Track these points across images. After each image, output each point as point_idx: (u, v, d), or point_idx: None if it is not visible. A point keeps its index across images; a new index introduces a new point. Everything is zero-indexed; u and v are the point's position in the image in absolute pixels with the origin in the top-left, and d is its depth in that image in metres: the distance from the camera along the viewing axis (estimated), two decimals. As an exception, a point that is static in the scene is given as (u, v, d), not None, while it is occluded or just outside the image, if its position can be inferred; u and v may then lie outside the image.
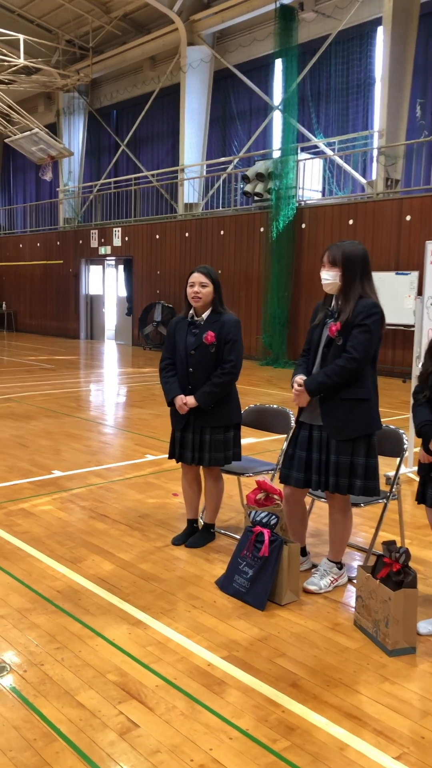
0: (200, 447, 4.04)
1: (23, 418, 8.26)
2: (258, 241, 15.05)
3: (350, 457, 3.47)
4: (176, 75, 17.93)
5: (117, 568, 3.89)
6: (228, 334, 3.96)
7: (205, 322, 3.99)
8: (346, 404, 3.46)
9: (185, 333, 4.04)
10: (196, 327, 4.01)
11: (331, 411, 3.49)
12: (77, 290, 20.97)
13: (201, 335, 3.96)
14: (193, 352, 3.98)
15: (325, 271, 3.52)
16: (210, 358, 3.96)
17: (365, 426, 3.48)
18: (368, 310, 3.43)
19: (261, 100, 16.70)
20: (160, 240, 17.80)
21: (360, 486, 3.48)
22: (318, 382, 3.47)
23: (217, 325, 3.96)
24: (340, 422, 3.47)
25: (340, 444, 3.47)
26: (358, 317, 3.42)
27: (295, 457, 3.62)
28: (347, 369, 3.41)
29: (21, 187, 26.07)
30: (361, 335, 3.41)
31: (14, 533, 4.40)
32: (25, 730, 2.46)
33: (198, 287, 3.94)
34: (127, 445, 7.08)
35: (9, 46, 18.38)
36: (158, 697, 2.67)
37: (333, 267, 3.50)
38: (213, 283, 3.97)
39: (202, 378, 3.97)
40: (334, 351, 3.48)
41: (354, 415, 3.46)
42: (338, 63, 14.88)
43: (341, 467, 3.47)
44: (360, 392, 3.47)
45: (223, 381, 3.94)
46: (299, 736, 2.46)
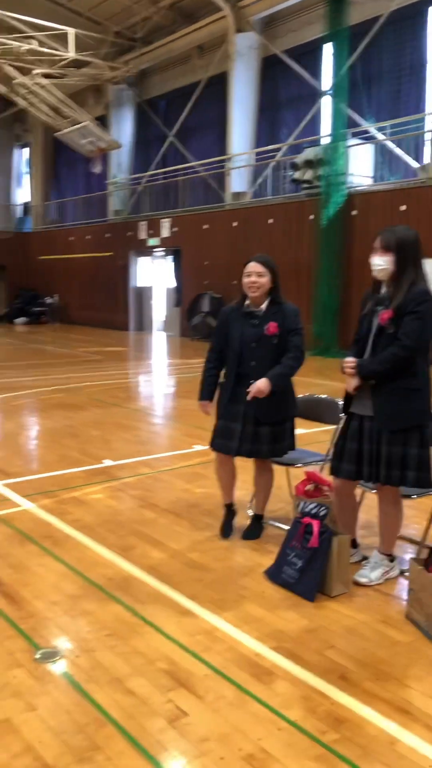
0: (256, 438, 3.96)
1: (74, 408, 8.39)
2: (307, 229, 14.88)
3: (402, 448, 3.40)
4: (224, 63, 17.82)
5: (166, 557, 3.91)
6: (291, 324, 3.89)
7: (265, 313, 3.90)
8: (397, 394, 3.39)
9: (241, 324, 3.93)
10: (254, 318, 3.93)
11: (383, 401, 3.42)
12: (126, 282, 21.16)
13: (262, 327, 3.88)
14: (255, 344, 3.88)
15: (378, 257, 3.43)
16: (272, 349, 3.88)
17: (417, 416, 3.41)
18: (420, 297, 3.35)
19: (310, 86, 16.47)
20: (208, 230, 17.78)
21: (413, 477, 3.41)
22: (370, 369, 3.41)
23: (279, 316, 3.88)
24: (392, 412, 3.40)
25: (392, 435, 3.41)
26: (410, 304, 3.35)
27: (346, 448, 3.57)
28: (399, 357, 3.34)
29: (71, 180, 26.38)
30: (413, 323, 3.34)
31: (66, 521, 4.48)
32: (77, 714, 2.50)
33: (255, 277, 3.86)
34: (175, 435, 7.12)
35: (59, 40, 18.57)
36: (207, 686, 2.69)
37: (386, 252, 3.41)
38: (270, 271, 3.89)
39: (265, 370, 3.86)
40: (385, 339, 3.41)
41: (406, 405, 3.39)
42: (389, 45, 14.55)
43: (393, 458, 3.40)
44: (412, 382, 3.40)
45: (294, 365, 3.89)
46: (349, 729, 2.44)
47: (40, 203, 26.96)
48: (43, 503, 4.84)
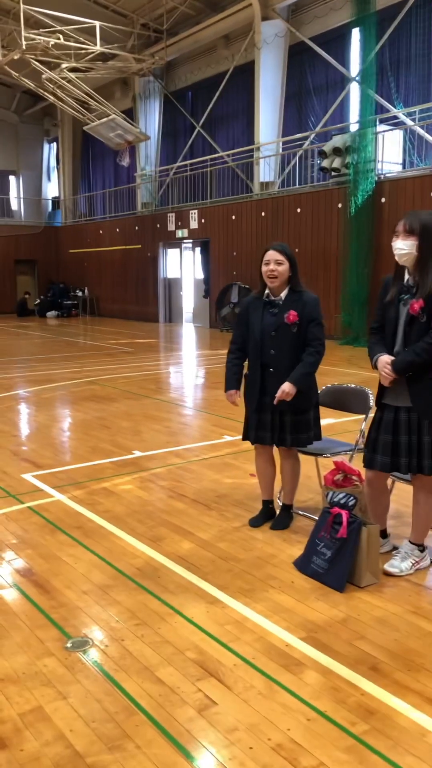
0: (281, 428, 3.98)
1: (105, 400, 8.45)
2: (336, 218, 14.73)
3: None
4: (250, 52, 17.68)
5: (195, 547, 3.92)
6: (311, 313, 3.87)
7: (285, 302, 3.89)
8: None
9: (261, 313, 3.94)
10: (274, 307, 3.92)
11: (421, 391, 3.37)
12: (155, 274, 21.21)
13: (281, 315, 3.87)
14: (274, 333, 3.88)
15: (401, 241, 3.35)
16: (292, 338, 3.87)
17: None
18: None
19: (338, 73, 16.26)
20: (236, 221, 17.72)
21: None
22: (407, 362, 3.34)
23: (299, 305, 3.87)
24: (430, 401, 3.35)
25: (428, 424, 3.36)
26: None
27: (380, 440, 3.51)
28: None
29: (100, 173, 26.50)
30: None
31: (96, 511, 4.52)
32: (107, 703, 2.52)
33: (273, 265, 3.85)
34: (205, 426, 7.12)
35: (85, 33, 18.61)
36: (236, 676, 2.69)
37: (410, 236, 3.32)
38: (289, 260, 3.87)
39: (285, 359, 3.88)
40: (417, 329, 3.34)
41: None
42: (418, 28, 14.27)
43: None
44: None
45: (316, 360, 3.89)
46: (379, 720, 2.42)
47: (70, 197, 27.14)
48: (73, 494, 4.89)
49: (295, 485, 4.23)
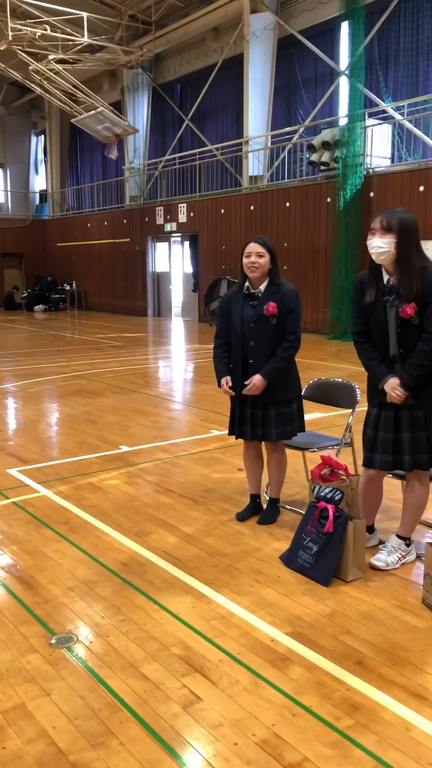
0: (264, 422, 3.98)
1: (92, 394, 8.41)
2: (325, 212, 14.72)
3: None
4: (239, 45, 17.61)
5: (182, 542, 3.91)
6: (289, 305, 3.87)
7: (264, 294, 3.90)
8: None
9: (241, 306, 3.95)
10: (253, 299, 3.93)
11: (423, 390, 3.36)
12: (144, 268, 21.13)
13: (261, 307, 3.87)
14: (253, 324, 3.89)
15: (378, 238, 3.28)
16: (271, 329, 3.88)
17: None
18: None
19: (326, 66, 16.22)
20: (225, 214, 17.67)
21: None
22: (414, 376, 3.30)
23: (277, 296, 3.87)
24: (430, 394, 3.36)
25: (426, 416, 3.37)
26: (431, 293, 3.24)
27: (379, 438, 3.48)
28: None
29: (88, 166, 26.35)
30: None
31: (82, 507, 4.49)
32: (91, 700, 2.51)
33: (254, 257, 3.86)
34: (193, 420, 7.10)
35: (73, 24, 18.46)
36: (221, 672, 2.67)
37: (387, 233, 3.26)
38: (269, 253, 3.87)
39: (264, 351, 3.89)
40: (412, 331, 3.31)
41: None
42: (407, 22, 14.25)
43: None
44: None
45: (290, 354, 3.89)
46: (364, 715, 2.42)
47: (58, 190, 26.98)
48: (59, 489, 4.86)
49: (281, 479, 4.23)
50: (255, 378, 3.87)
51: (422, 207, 12.76)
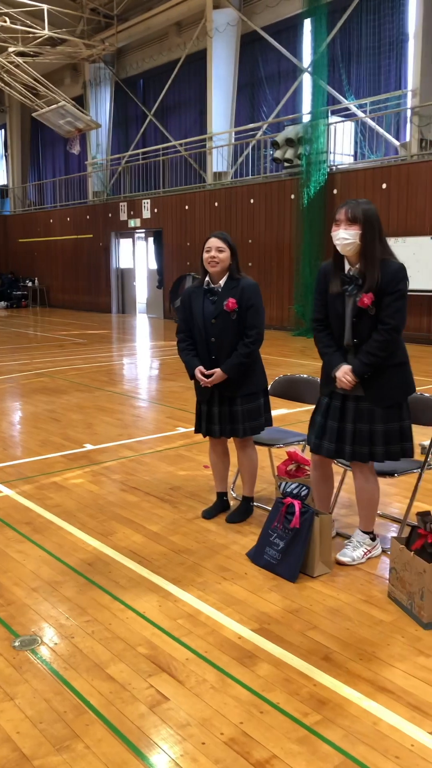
0: (232, 418, 3.96)
1: (55, 392, 8.30)
2: (289, 209, 14.78)
3: (394, 423, 3.41)
4: (202, 40, 17.55)
5: (148, 541, 3.87)
6: (249, 299, 3.85)
7: (223, 289, 3.87)
8: (387, 371, 3.37)
9: (202, 301, 3.91)
10: (213, 294, 3.90)
11: (373, 380, 3.38)
12: (108, 264, 20.95)
13: (220, 303, 3.85)
14: (214, 320, 3.86)
15: (343, 230, 3.29)
16: (232, 325, 3.85)
17: (405, 389, 3.43)
18: (399, 274, 3.30)
19: (290, 63, 16.27)
20: (189, 210, 17.61)
21: (400, 450, 3.43)
22: (366, 364, 3.32)
23: (237, 291, 3.85)
24: (383, 390, 3.38)
25: (383, 411, 3.38)
26: (390, 284, 3.27)
27: (327, 426, 3.52)
28: (389, 341, 3.30)
29: (50, 161, 26.00)
30: (397, 302, 3.29)
31: (46, 506, 4.42)
32: (56, 703, 2.46)
33: (215, 252, 3.83)
34: (159, 418, 7.06)
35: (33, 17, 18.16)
36: (188, 670, 2.65)
37: (352, 225, 3.27)
38: (230, 248, 3.85)
39: (226, 346, 3.86)
40: (367, 321, 3.34)
41: (394, 380, 3.39)
42: (369, 20, 14.38)
43: (390, 435, 3.40)
44: (399, 356, 3.40)
45: (251, 350, 3.86)
46: (331, 710, 2.42)
47: (19, 185, 26.57)
48: (22, 489, 4.78)
49: (254, 476, 4.20)
50: (216, 372, 3.85)
51: (385, 204, 12.89)
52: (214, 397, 3.96)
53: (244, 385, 3.91)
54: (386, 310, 3.28)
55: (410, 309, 12.18)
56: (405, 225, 12.53)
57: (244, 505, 4.22)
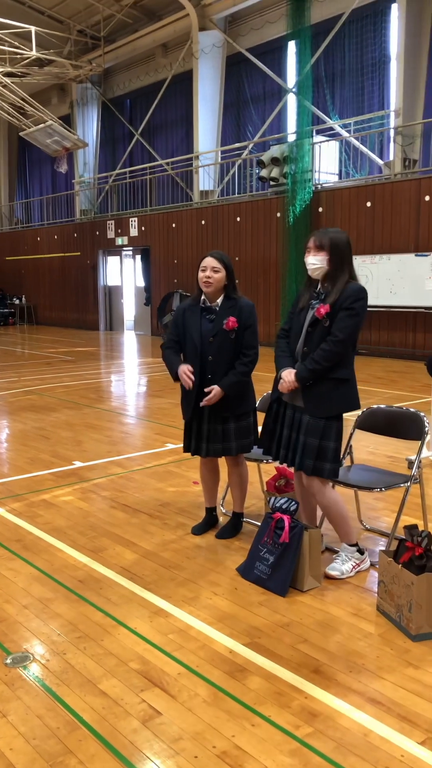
0: (225, 436, 3.97)
1: (44, 410, 8.31)
2: (275, 227, 14.94)
3: (319, 440, 3.52)
4: (189, 61, 17.79)
5: (138, 557, 3.89)
6: (248, 319, 3.91)
7: (221, 308, 3.92)
8: (328, 384, 3.51)
9: (199, 319, 3.94)
10: (211, 313, 3.95)
11: (313, 390, 3.53)
12: (95, 282, 21.02)
13: (219, 321, 3.88)
14: (212, 339, 3.89)
15: (312, 256, 3.54)
16: (229, 344, 3.89)
17: (344, 404, 3.55)
18: (357, 294, 3.47)
19: (275, 84, 16.52)
20: (176, 229, 17.75)
21: (329, 469, 3.54)
22: (309, 370, 3.49)
23: (235, 311, 3.90)
24: (320, 400, 3.52)
25: (315, 423, 3.51)
26: (347, 300, 3.46)
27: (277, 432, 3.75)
28: (334, 352, 3.45)
29: (37, 180, 26.13)
30: (349, 319, 3.45)
31: (36, 524, 4.43)
32: (49, 719, 2.47)
33: (210, 272, 3.88)
34: (148, 434, 7.08)
35: (21, 38, 18.35)
36: (180, 685, 2.67)
37: (320, 251, 3.52)
38: (225, 268, 3.91)
39: (223, 365, 3.89)
40: (319, 332, 3.50)
41: (334, 394, 3.52)
42: (352, 43, 14.66)
43: (309, 448, 3.52)
44: (343, 372, 3.53)
45: (249, 369, 3.92)
46: (322, 722, 2.45)
47: (6, 203, 26.65)
48: (12, 507, 4.78)
49: (244, 492, 4.23)
50: (215, 388, 3.86)
51: (369, 222, 13.08)
52: (205, 414, 3.97)
53: (239, 405, 3.95)
54: (337, 324, 3.46)
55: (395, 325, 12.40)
56: (389, 242, 12.70)
57: (233, 520, 4.25)
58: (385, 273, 12.54)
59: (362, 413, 4.24)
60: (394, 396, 8.96)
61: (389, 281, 12.49)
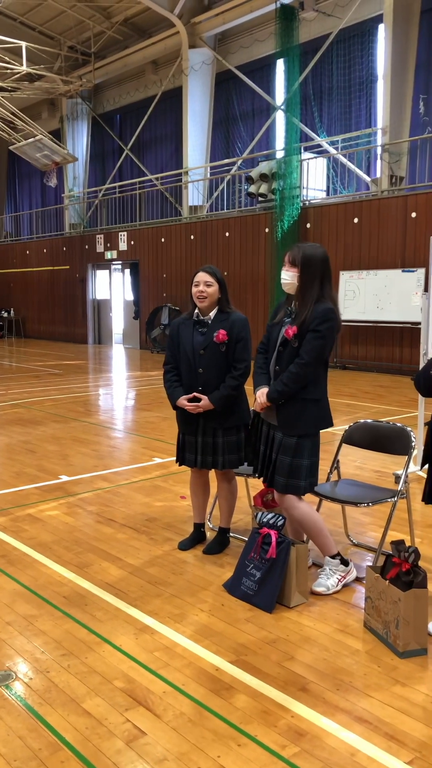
0: (213, 450, 3.98)
1: (31, 423, 8.25)
2: (263, 242, 15.01)
3: (291, 458, 3.55)
4: (178, 78, 17.94)
5: (124, 573, 3.85)
6: (239, 333, 3.92)
7: (214, 321, 3.93)
8: (299, 404, 3.54)
9: (191, 332, 3.96)
10: (203, 326, 3.96)
11: (285, 409, 3.56)
12: (84, 295, 21.01)
13: (210, 334, 3.90)
14: (203, 351, 3.91)
15: (285, 271, 3.59)
16: (220, 357, 3.90)
17: (315, 423, 3.58)
18: (323, 316, 3.48)
19: (263, 101, 16.68)
20: (165, 243, 17.80)
21: (304, 486, 3.57)
22: (278, 391, 3.53)
23: (227, 324, 3.91)
24: (293, 419, 3.54)
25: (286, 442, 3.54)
26: (313, 322, 3.47)
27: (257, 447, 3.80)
28: (300, 375, 3.48)
29: (26, 193, 26.16)
30: (315, 341, 3.47)
31: (21, 539, 4.38)
32: (30, 740, 2.42)
33: (203, 286, 3.90)
34: (135, 448, 7.05)
35: (11, 53, 18.44)
36: (166, 704, 2.63)
37: (292, 267, 3.55)
38: (218, 282, 3.92)
39: (213, 378, 3.90)
40: (289, 352, 3.54)
41: (305, 413, 3.54)
42: (340, 61, 14.85)
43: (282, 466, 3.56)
44: (314, 392, 3.56)
45: (239, 383, 3.91)
46: (309, 742, 2.42)
47: (-5, 217, 26.65)
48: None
49: (231, 507, 4.20)
50: (203, 401, 3.88)
51: (356, 238, 13.18)
52: (198, 427, 3.97)
53: (228, 419, 3.94)
54: (304, 347, 3.49)
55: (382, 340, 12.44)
56: (376, 258, 12.80)
57: (220, 536, 4.22)
58: (372, 288, 12.61)
59: (349, 428, 4.24)
60: (381, 410, 8.98)
61: (376, 296, 12.56)
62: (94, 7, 18.51)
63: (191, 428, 3.99)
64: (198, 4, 16.89)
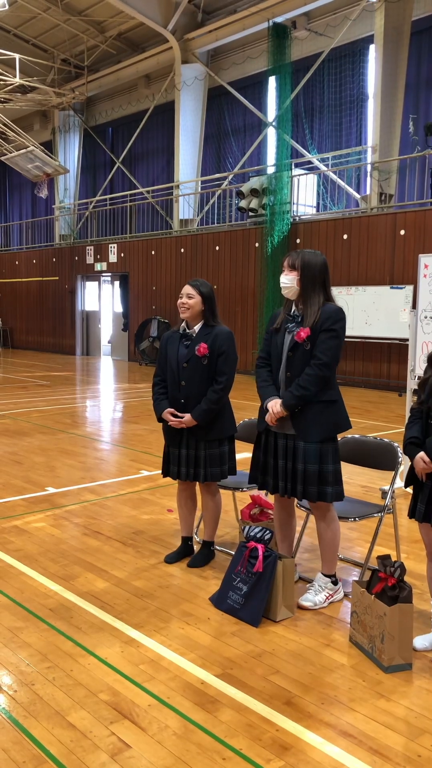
0: (195, 462, 4.00)
1: (18, 435, 8.22)
2: (253, 257, 15.11)
3: (318, 465, 3.49)
4: (171, 93, 18.08)
5: (110, 586, 3.84)
6: (221, 346, 3.94)
7: (197, 335, 3.97)
8: (316, 407, 3.49)
9: (177, 345, 4.01)
10: (188, 339, 3.99)
11: (302, 416, 3.50)
12: (73, 306, 21.00)
13: (193, 347, 3.94)
14: (186, 364, 3.94)
15: (284, 275, 3.59)
16: (203, 370, 3.93)
17: (335, 425, 3.54)
18: (336, 315, 3.49)
19: (255, 117, 16.84)
20: (155, 256, 17.86)
21: (332, 492, 3.51)
22: (296, 397, 3.46)
23: (210, 337, 3.94)
24: (311, 424, 3.48)
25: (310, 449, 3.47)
26: (326, 322, 3.47)
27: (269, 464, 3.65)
28: (320, 376, 3.44)
29: (17, 204, 26.18)
30: (331, 340, 3.46)
31: (6, 551, 4.36)
32: (14, 753, 2.41)
33: (185, 298, 3.96)
34: (122, 461, 7.04)
35: (5, 65, 18.54)
36: (151, 717, 2.63)
37: (291, 271, 3.56)
38: (201, 295, 3.95)
39: (195, 391, 3.93)
40: (300, 356, 3.50)
41: (324, 417, 3.50)
42: (331, 80, 15.04)
43: (310, 474, 3.48)
44: (330, 394, 3.52)
45: (219, 396, 3.92)
46: (293, 756, 2.42)
47: (-15, 227, 26.63)
48: (-17, 532, 4.71)
49: (216, 521, 4.20)
50: (186, 417, 3.92)
51: (345, 254, 13.29)
52: (182, 439, 3.99)
53: (210, 431, 3.96)
54: (320, 347, 3.46)
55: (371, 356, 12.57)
56: (365, 274, 12.91)
57: (203, 549, 4.23)
58: (360, 304, 12.71)
59: (337, 443, 4.27)
60: (369, 426, 9.03)
61: (365, 312, 12.66)
62: (88, 21, 18.67)
63: (175, 440, 4.02)
64: (191, 21, 17.07)
